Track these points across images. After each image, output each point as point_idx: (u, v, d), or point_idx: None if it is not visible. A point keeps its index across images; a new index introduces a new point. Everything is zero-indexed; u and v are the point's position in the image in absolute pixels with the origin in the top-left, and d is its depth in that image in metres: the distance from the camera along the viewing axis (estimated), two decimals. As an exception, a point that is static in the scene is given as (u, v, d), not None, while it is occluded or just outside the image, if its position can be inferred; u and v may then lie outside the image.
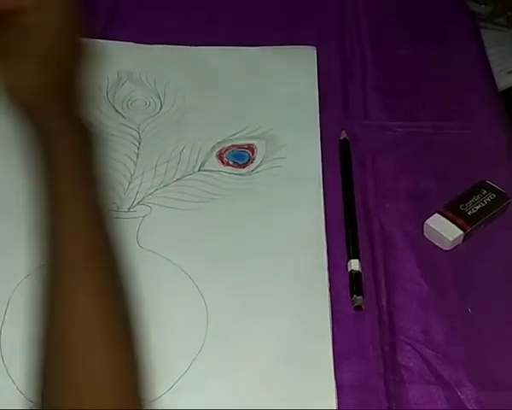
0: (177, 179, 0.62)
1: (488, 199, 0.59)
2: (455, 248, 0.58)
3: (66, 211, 0.41)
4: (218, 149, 0.64)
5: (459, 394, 0.49)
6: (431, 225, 0.58)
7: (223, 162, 0.62)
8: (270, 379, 0.48)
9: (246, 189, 0.60)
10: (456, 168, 0.64)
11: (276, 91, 0.63)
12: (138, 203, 0.60)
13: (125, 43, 0.75)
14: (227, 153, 0.63)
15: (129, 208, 0.59)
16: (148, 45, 0.75)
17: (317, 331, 0.49)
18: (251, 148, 0.64)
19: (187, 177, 0.62)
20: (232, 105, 0.66)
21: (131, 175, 0.62)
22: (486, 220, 0.58)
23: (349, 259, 0.56)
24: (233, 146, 0.64)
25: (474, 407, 0.48)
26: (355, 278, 0.55)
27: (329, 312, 0.53)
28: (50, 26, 0.46)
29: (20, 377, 0.48)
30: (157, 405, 0.47)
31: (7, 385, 0.48)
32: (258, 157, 0.63)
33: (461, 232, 0.57)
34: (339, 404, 0.48)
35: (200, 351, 0.50)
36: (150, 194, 0.60)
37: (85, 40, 0.48)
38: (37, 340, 0.39)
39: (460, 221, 0.58)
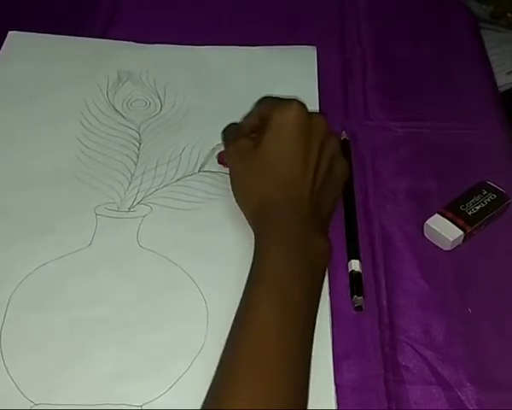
0: (178, 180, 0.62)
1: (488, 199, 0.59)
2: (455, 248, 0.58)
3: (254, 320, 0.47)
4: (218, 151, 0.64)
5: (459, 394, 0.49)
6: (431, 226, 0.58)
7: (223, 163, 0.62)
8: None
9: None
10: (457, 168, 0.64)
11: (276, 91, 0.63)
12: (138, 203, 0.60)
13: (125, 42, 0.75)
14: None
15: (129, 208, 0.59)
16: (148, 45, 0.75)
17: (317, 332, 0.49)
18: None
19: (187, 177, 0.62)
20: (232, 106, 0.66)
21: (132, 175, 0.62)
22: (487, 221, 0.58)
23: (349, 259, 0.56)
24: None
25: (475, 408, 0.48)
26: (355, 278, 0.55)
27: (329, 312, 0.53)
28: (276, 147, 0.55)
29: (21, 378, 0.48)
30: (157, 405, 0.48)
31: (7, 385, 0.48)
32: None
33: (461, 233, 0.57)
34: (339, 405, 0.48)
35: (200, 351, 0.50)
36: (150, 194, 0.60)
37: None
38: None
39: (460, 221, 0.58)
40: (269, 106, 0.58)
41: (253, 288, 0.49)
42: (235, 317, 0.48)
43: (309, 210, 0.53)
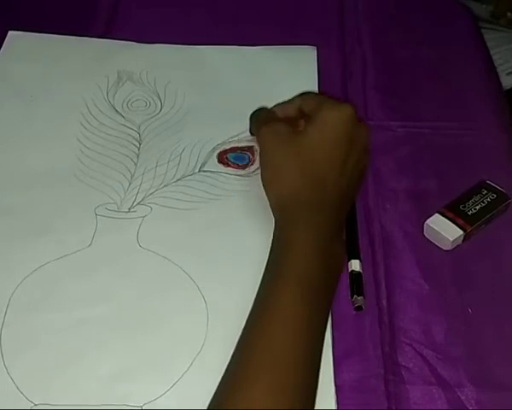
0: (178, 180, 0.62)
1: (488, 199, 0.59)
2: (455, 248, 0.58)
3: (273, 318, 0.46)
4: (218, 151, 0.64)
5: (459, 394, 0.49)
6: (431, 225, 0.58)
7: (223, 163, 0.63)
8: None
9: (246, 190, 0.60)
10: (457, 168, 0.64)
11: (276, 91, 0.63)
12: (139, 203, 0.60)
13: (125, 42, 0.75)
14: (228, 154, 0.63)
15: (129, 208, 0.59)
16: (148, 45, 0.75)
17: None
18: (251, 150, 0.64)
19: (187, 177, 0.62)
20: (232, 105, 0.66)
21: (132, 175, 0.62)
22: (487, 220, 0.58)
23: (349, 259, 0.56)
24: (234, 148, 0.64)
25: (475, 408, 0.48)
26: (355, 278, 0.55)
27: (330, 312, 0.53)
28: (320, 143, 0.54)
29: (21, 378, 0.48)
30: (158, 405, 0.48)
31: (7, 386, 0.48)
32: (259, 159, 0.63)
33: (461, 232, 0.57)
34: (339, 405, 0.48)
35: (200, 351, 0.50)
36: (150, 194, 0.60)
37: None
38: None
39: (460, 221, 0.58)
40: (318, 101, 0.57)
41: (276, 281, 0.48)
42: (253, 307, 0.48)
43: (336, 214, 0.53)
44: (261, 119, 0.60)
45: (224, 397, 0.44)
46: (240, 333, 0.47)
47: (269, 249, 0.52)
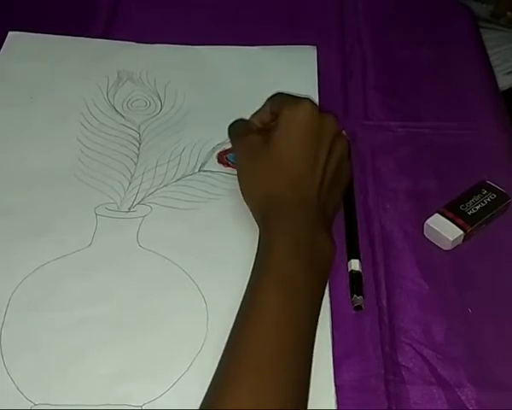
0: (178, 179, 0.62)
1: (488, 199, 0.59)
2: (455, 248, 0.58)
3: (259, 314, 0.47)
4: (218, 150, 0.64)
5: (459, 394, 0.49)
6: (431, 225, 0.58)
7: (223, 163, 0.63)
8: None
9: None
10: (457, 168, 0.64)
11: (276, 91, 0.63)
12: (139, 203, 0.60)
13: (125, 42, 0.75)
14: (227, 154, 0.63)
15: (129, 208, 0.59)
16: (148, 45, 0.75)
17: (318, 332, 0.49)
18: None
19: (187, 177, 0.62)
20: (232, 105, 0.66)
21: (132, 175, 0.62)
22: (487, 220, 0.58)
23: (349, 259, 0.56)
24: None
25: (475, 408, 0.48)
26: (355, 278, 0.55)
27: (329, 312, 0.53)
28: (286, 145, 0.55)
29: (21, 378, 0.48)
30: (157, 405, 0.48)
31: (7, 386, 0.48)
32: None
33: (461, 232, 0.57)
34: (339, 405, 0.48)
35: (200, 351, 0.50)
36: (150, 194, 0.60)
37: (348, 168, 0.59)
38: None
39: (460, 221, 0.58)
40: (280, 103, 0.57)
41: (259, 278, 0.49)
42: (240, 309, 0.48)
43: (315, 209, 0.53)
44: (236, 133, 0.61)
45: (214, 398, 0.44)
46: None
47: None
